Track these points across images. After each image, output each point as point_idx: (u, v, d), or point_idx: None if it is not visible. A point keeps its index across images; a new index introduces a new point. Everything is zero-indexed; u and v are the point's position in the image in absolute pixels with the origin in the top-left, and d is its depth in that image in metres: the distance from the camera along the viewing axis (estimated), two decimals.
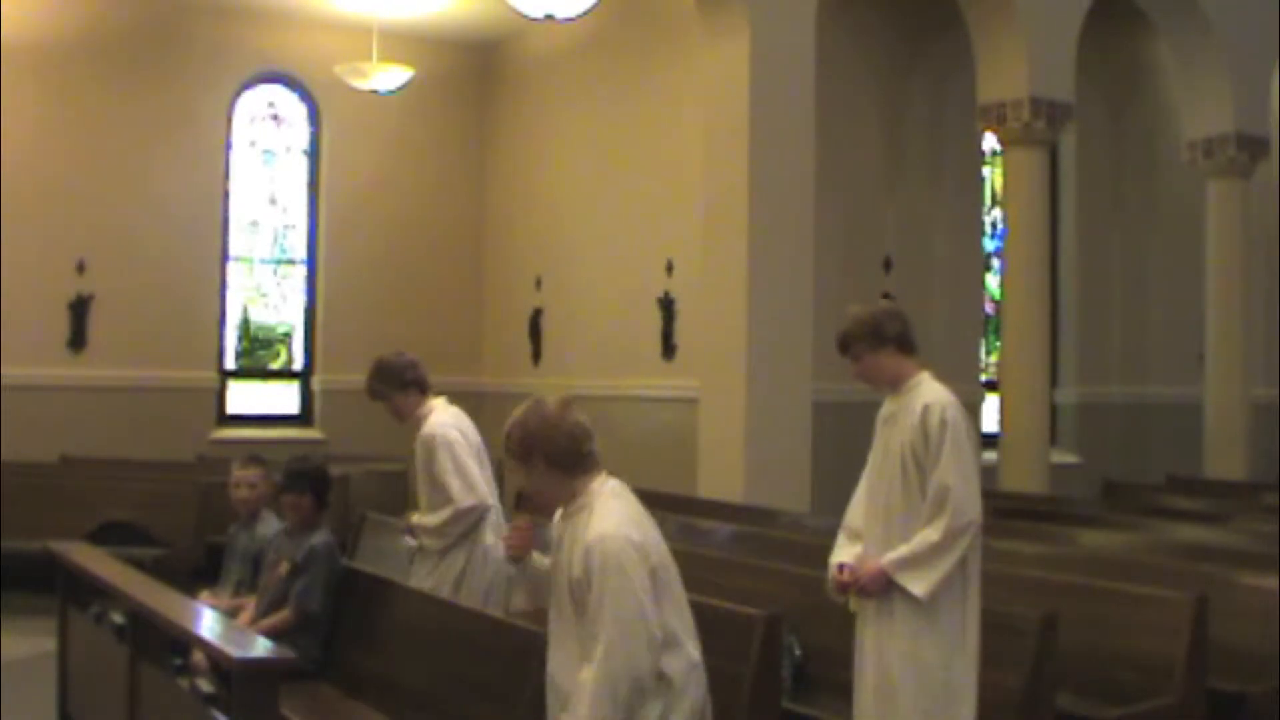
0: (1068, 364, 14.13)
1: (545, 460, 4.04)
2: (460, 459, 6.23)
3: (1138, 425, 14.15)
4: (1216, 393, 12.91)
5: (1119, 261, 14.49)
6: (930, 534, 4.54)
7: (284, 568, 6.22)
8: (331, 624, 6.16)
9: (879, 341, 4.73)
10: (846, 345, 4.80)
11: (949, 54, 12.59)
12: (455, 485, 6.17)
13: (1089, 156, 14.27)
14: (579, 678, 3.89)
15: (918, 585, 4.55)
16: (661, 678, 3.93)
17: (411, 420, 6.43)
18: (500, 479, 7.12)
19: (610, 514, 3.98)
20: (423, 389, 6.44)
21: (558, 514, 4.16)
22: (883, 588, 4.61)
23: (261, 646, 4.56)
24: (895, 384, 4.77)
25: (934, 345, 12.53)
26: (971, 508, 4.54)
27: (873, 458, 4.84)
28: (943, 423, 4.57)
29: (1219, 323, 12.93)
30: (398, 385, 6.40)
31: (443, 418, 6.39)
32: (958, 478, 4.54)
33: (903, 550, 4.58)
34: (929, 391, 4.70)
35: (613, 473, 4.16)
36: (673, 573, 4.10)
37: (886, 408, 4.83)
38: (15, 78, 12.67)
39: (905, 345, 4.77)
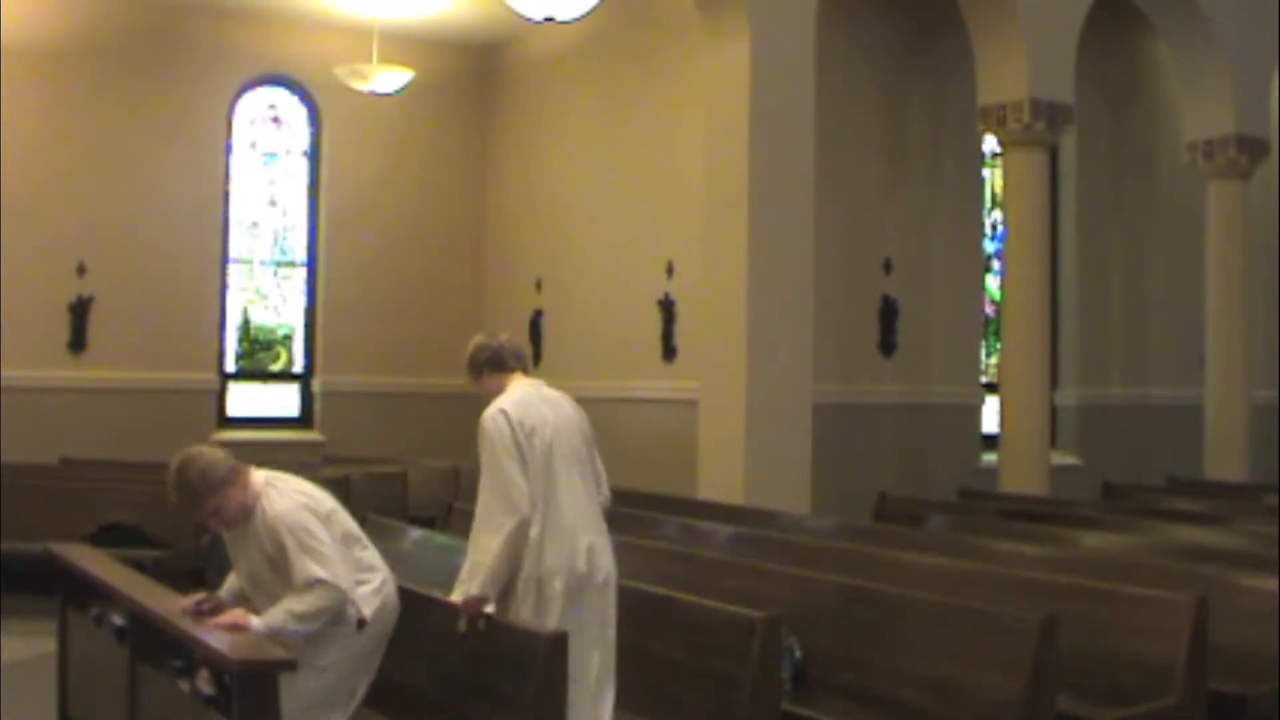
0: (1068, 365, 14.12)
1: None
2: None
3: (1138, 427, 14.15)
4: (1217, 394, 12.92)
5: (1119, 263, 14.48)
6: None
7: None
8: None
9: (475, 370, 5.37)
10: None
11: (949, 56, 12.59)
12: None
13: (1089, 158, 14.26)
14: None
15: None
16: None
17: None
18: None
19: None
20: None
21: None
22: None
23: (261, 648, 4.56)
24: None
25: (934, 347, 12.58)
26: (509, 505, 4.97)
27: None
28: (479, 434, 5.11)
29: (1219, 324, 12.93)
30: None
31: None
32: (488, 483, 5.05)
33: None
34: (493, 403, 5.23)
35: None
36: None
37: None
38: (16, 80, 12.68)
39: (498, 366, 5.34)
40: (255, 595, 4.93)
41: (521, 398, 5.20)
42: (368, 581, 4.98)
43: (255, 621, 4.70)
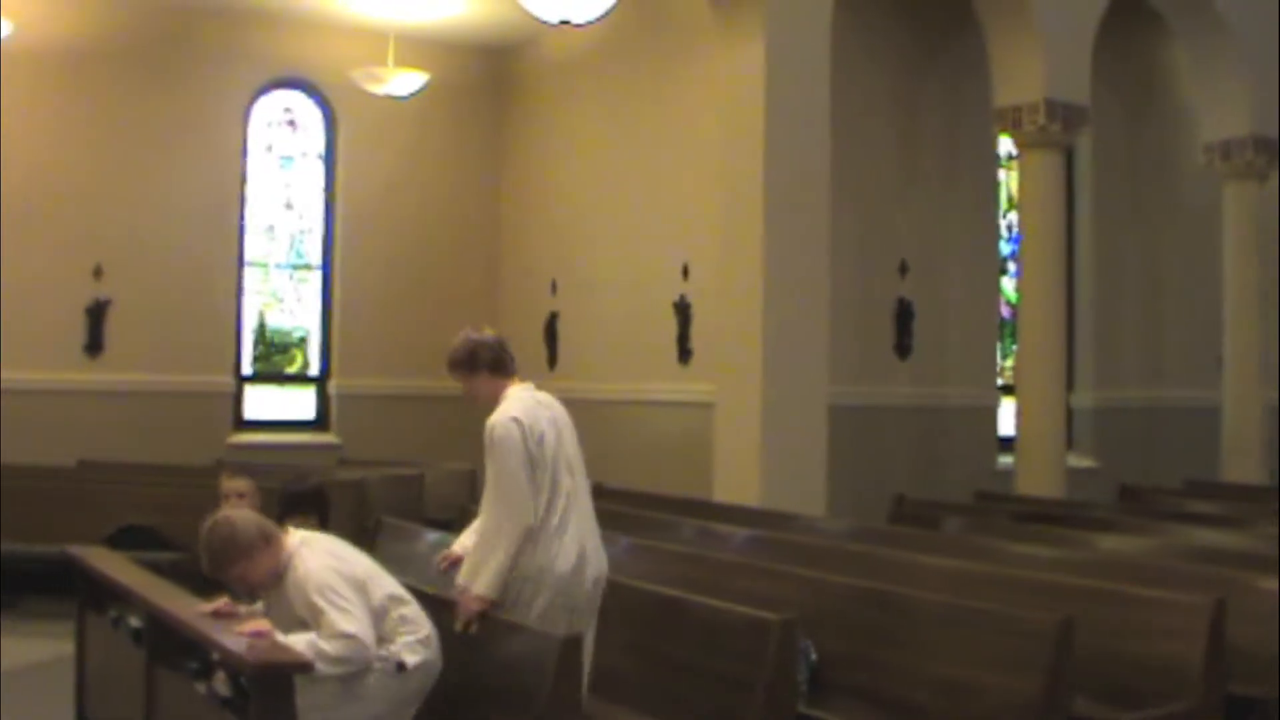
0: (1084, 368, 14.08)
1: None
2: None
3: (1155, 429, 14.10)
4: (1234, 396, 12.85)
5: (1136, 265, 14.44)
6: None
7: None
8: None
9: (473, 368, 5.35)
10: (450, 369, 5.43)
11: (964, 57, 12.57)
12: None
13: (1105, 160, 14.22)
14: None
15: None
16: None
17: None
18: None
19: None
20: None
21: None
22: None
23: (277, 650, 4.58)
24: (493, 405, 5.30)
25: (950, 349, 12.55)
26: (516, 513, 5.09)
27: None
28: (490, 441, 5.14)
29: (1236, 326, 12.87)
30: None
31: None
32: (497, 491, 5.12)
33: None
34: (499, 410, 5.23)
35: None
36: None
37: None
38: (33, 84, 12.74)
39: (498, 369, 5.35)
40: None
41: (526, 406, 5.25)
42: (412, 633, 4.96)
43: (279, 637, 4.70)
